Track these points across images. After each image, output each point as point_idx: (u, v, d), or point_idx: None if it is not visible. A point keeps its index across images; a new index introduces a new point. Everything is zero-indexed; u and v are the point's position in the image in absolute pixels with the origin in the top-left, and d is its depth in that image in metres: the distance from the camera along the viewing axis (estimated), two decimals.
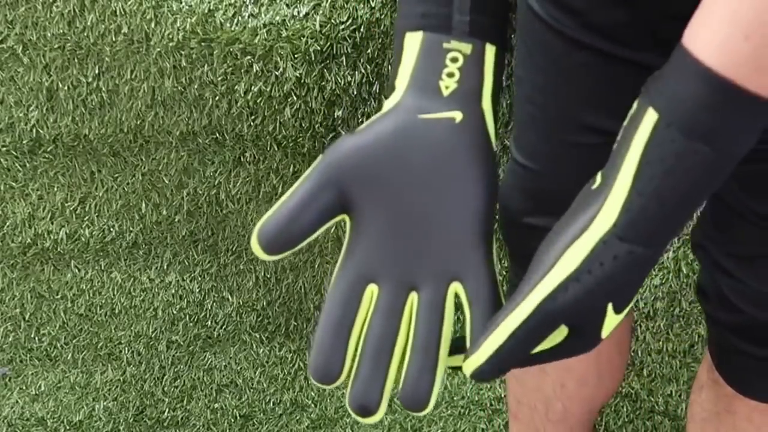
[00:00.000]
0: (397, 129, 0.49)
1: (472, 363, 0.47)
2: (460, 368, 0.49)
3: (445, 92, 0.49)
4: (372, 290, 0.48)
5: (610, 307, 0.46)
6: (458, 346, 0.49)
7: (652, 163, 0.43)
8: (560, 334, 0.47)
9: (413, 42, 0.50)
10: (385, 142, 0.49)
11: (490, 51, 0.50)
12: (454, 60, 0.49)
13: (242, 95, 1.27)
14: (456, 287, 0.48)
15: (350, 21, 1.21)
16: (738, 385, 0.81)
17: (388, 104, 0.50)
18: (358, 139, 0.49)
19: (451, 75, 0.49)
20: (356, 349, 0.49)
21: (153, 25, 1.25)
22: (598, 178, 0.46)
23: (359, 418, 0.49)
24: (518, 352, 0.46)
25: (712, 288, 0.77)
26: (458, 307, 0.50)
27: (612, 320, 0.46)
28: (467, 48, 0.49)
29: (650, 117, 0.43)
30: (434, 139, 0.49)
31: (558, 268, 0.45)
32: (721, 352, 0.82)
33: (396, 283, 0.48)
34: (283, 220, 0.48)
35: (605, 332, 0.47)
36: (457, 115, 0.49)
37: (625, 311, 0.47)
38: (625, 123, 0.46)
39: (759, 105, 0.41)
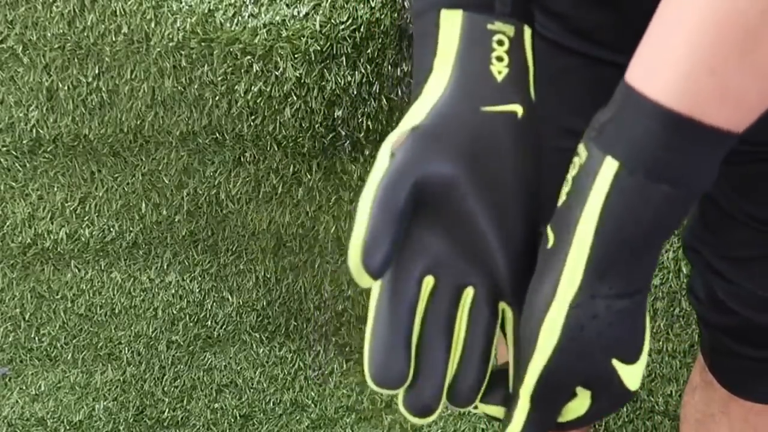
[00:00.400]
0: (463, 124, 0.45)
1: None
2: (497, 419, 0.48)
3: (499, 78, 0.46)
4: (428, 282, 0.46)
5: (616, 362, 0.43)
6: (496, 380, 0.47)
7: (617, 214, 0.41)
8: (584, 397, 0.45)
9: (452, 21, 0.46)
10: (453, 139, 0.45)
11: (527, 33, 0.48)
12: (501, 43, 0.46)
13: (242, 95, 1.27)
14: (503, 305, 0.47)
15: (350, 21, 1.21)
16: (733, 386, 0.81)
17: (434, 87, 0.46)
18: (425, 134, 0.45)
19: (500, 59, 0.46)
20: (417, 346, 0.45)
21: (153, 25, 1.25)
22: (550, 235, 0.44)
23: (415, 419, 0.45)
24: (546, 419, 0.45)
25: (705, 290, 0.77)
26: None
27: (630, 371, 0.44)
28: (510, 30, 0.46)
29: (609, 166, 0.41)
30: (500, 139, 0.46)
31: (541, 342, 0.43)
32: (714, 353, 0.82)
33: (454, 278, 0.46)
34: (378, 236, 0.43)
35: (631, 384, 0.44)
36: (518, 109, 0.46)
37: (642, 358, 0.44)
38: (573, 172, 0.43)
39: (720, 137, 0.40)
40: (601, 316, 0.42)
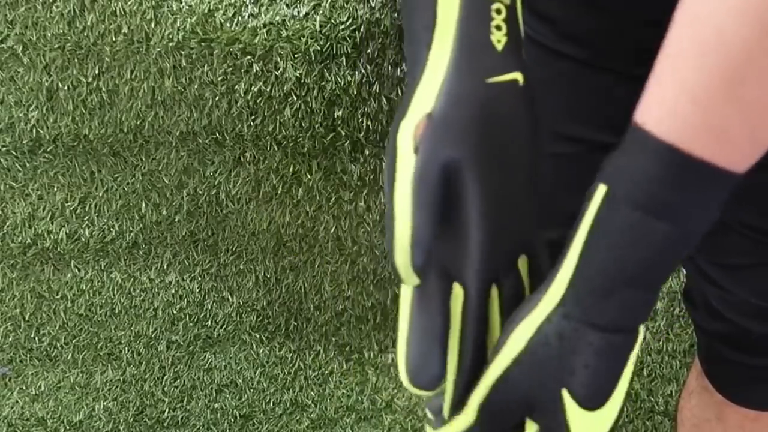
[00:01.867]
0: (472, 101, 0.45)
1: None
2: None
3: (499, 47, 0.46)
4: (457, 293, 0.45)
5: (566, 395, 0.42)
6: None
7: (597, 236, 0.41)
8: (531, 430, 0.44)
9: None
10: (464, 122, 0.45)
11: (519, 1, 0.48)
12: (499, 12, 0.46)
13: (242, 95, 1.27)
14: (522, 262, 0.47)
15: (350, 21, 1.21)
16: (728, 392, 0.81)
17: (438, 62, 0.45)
18: (439, 121, 0.44)
19: (498, 28, 0.46)
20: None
21: (153, 25, 1.25)
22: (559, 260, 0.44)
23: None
24: None
25: (699, 297, 0.77)
26: None
27: (578, 415, 0.42)
28: None
29: (600, 191, 0.42)
30: (507, 109, 0.46)
31: (505, 350, 0.43)
32: (710, 359, 0.82)
33: (482, 282, 0.45)
34: (422, 234, 0.43)
35: (575, 430, 0.43)
36: (519, 77, 0.46)
37: (606, 410, 0.43)
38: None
39: (711, 175, 0.39)
40: (568, 339, 0.41)
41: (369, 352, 1.50)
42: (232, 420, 1.49)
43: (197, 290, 1.52)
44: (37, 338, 1.54)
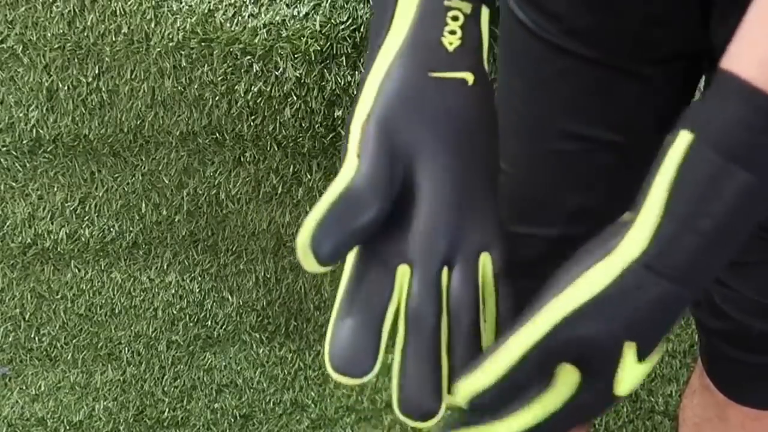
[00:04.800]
0: (415, 91, 0.46)
1: (472, 385, 0.41)
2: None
3: (449, 48, 0.46)
4: (404, 271, 0.44)
5: (629, 347, 0.41)
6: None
7: (685, 186, 0.39)
8: (572, 379, 0.42)
9: None
10: (406, 116, 0.45)
11: (485, 13, 0.48)
12: (455, 18, 0.47)
13: (242, 95, 1.27)
14: (485, 257, 0.45)
15: (350, 21, 1.22)
16: (730, 391, 0.81)
17: (388, 51, 0.46)
18: (380, 124, 0.45)
19: (453, 33, 0.46)
20: (388, 336, 0.43)
21: (153, 25, 1.25)
22: (626, 215, 0.42)
23: (415, 423, 0.42)
24: (522, 379, 0.41)
25: (703, 295, 0.77)
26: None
27: (632, 369, 0.41)
28: (467, 7, 0.47)
29: (684, 138, 0.40)
30: (450, 103, 0.46)
31: (574, 292, 0.40)
32: (712, 358, 0.82)
33: (432, 260, 0.44)
34: (335, 226, 0.42)
35: (622, 385, 0.41)
36: (469, 77, 0.47)
37: (650, 362, 0.42)
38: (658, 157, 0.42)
39: None
40: (645, 292, 0.40)
41: None
42: (232, 420, 1.49)
43: (197, 290, 1.52)
44: (37, 338, 1.54)
